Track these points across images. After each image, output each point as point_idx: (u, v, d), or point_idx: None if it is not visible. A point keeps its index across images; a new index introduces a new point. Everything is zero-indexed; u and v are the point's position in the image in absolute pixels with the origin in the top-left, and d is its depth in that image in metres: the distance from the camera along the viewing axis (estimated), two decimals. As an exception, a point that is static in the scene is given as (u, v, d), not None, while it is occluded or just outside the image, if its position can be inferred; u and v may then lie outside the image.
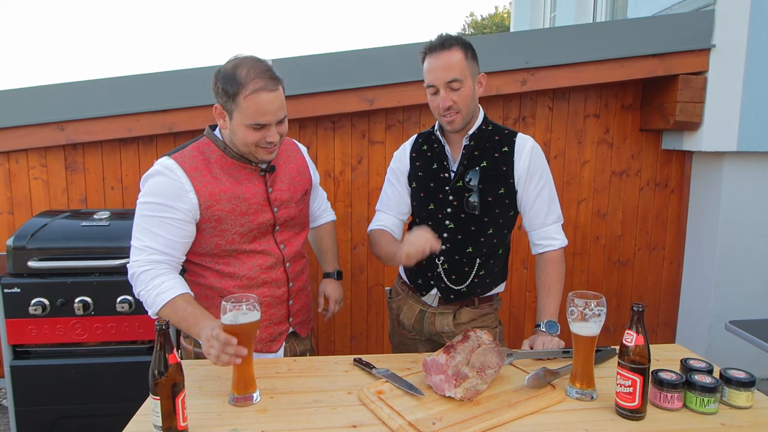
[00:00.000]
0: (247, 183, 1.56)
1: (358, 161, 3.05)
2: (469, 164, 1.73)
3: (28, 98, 2.76)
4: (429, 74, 1.65)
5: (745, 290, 3.07)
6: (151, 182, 1.49)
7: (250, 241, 1.57)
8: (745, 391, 1.31)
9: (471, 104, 1.67)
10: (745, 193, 3.01)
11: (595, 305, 1.31)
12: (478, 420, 1.23)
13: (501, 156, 1.73)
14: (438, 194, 1.77)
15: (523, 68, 2.88)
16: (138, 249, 1.48)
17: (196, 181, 1.49)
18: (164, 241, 1.48)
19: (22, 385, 2.18)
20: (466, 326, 1.85)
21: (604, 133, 3.18)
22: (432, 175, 1.78)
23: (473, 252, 1.78)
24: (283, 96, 1.48)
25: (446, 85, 1.62)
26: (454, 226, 1.76)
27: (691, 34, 2.87)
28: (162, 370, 1.13)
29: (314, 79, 2.81)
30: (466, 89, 1.64)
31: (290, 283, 1.67)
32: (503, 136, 1.76)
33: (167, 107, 2.77)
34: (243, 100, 1.42)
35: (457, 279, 1.80)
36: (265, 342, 1.66)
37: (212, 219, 1.51)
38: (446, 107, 1.63)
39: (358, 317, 3.19)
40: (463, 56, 1.63)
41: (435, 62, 1.63)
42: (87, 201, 2.90)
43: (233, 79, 1.42)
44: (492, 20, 22.77)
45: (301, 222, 1.72)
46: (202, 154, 1.54)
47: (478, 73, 1.71)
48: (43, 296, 2.14)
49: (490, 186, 1.72)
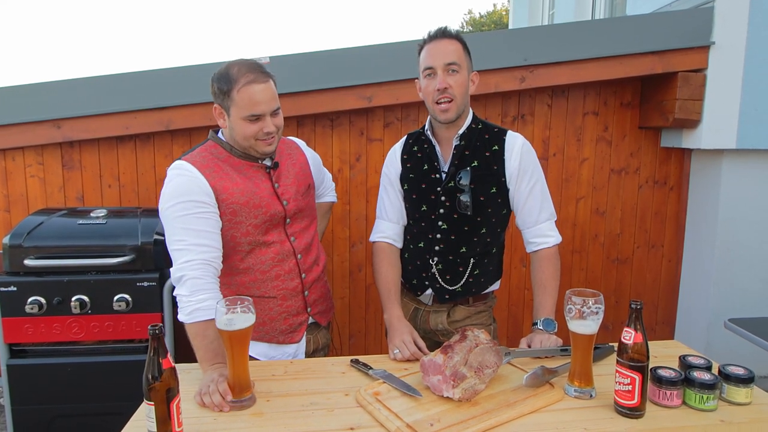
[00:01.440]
0: (255, 179, 1.63)
1: (357, 159, 3.04)
2: (460, 164, 1.73)
3: (24, 96, 2.74)
4: (428, 58, 1.66)
5: (743, 288, 3.06)
6: (172, 185, 1.53)
7: (263, 232, 1.63)
8: (744, 388, 1.31)
9: (465, 94, 1.68)
10: (744, 191, 3.01)
11: (593, 303, 1.30)
12: (477, 420, 1.22)
13: (492, 155, 1.73)
14: (430, 195, 1.76)
15: (521, 65, 2.87)
16: (184, 250, 1.48)
17: (210, 176, 1.55)
18: (206, 234, 1.51)
19: (18, 384, 2.17)
20: (461, 324, 1.85)
21: (603, 130, 3.18)
22: (423, 176, 1.77)
23: (467, 252, 1.78)
24: (274, 88, 1.57)
25: (445, 67, 1.63)
26: (447, 227, 1.76)
27: (690, 31, 2.86)
28: (156, 375, 1.12)
29: (312, 76, 2.80)
30: (462, 77, 1.66)
31: (303, 275, 1.72)
32: (493, 134, 1.76)
33: (164, 105, 2.76)
34: (237, 94, 1.50)
35: (451, 279, 1.80)
36: (286, 333, 1.72)
37: (228, 212, 1.57)
38: (442, 88, 1.63)
39: (357, 316, 3.18)
40: (462, 47, 1.67)
41: (435, 47, 1.66)
42: (84, 199, 2.89)
43: (226, 76, 1.52)
44: (490, 18, 22.75)
45: (310, 214, 1.79)
46: (211, 154, 1.61)
47: (472, 70, 1.73)
48: (39, 295, 2.12)
49: (481, 185, 1.72)
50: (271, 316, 1.69)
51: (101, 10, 57.99)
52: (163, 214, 1.53)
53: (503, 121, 3.10)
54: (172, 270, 1.49)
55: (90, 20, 58.65)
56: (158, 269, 2.21)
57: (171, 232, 1.51)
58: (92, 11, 60.06)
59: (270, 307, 1.68)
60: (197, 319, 1.43)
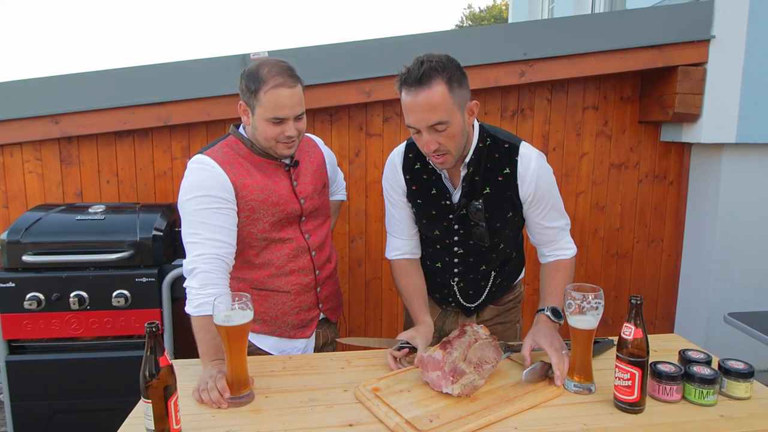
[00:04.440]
0: (274, 177, 1.64)
1: (356, 154, 3.03)
2: (470, 192, 1.57)
3: (22, 91, 2.73)
4: (408, 114, 1.42)
5: (743, 282, 3.06)
6: (192, 179, 1.54)
7: (278, 229, 1.64)
8: (744, 382, 1.31)
9: (461, 141, 1.47)
10: (743, 185, 3.00)
11: (593, 298, 1.30)
12: (476, 416, 1.22)
13: (504, 179, 1.56)
14: (442, 222, 1.64)
15: (521, 60, 2.86)
16: (198, 243, 1.49)
17: (231, 172, 1.56)
18: (222, 230, 1.52)
19: (17, 381, 2.17)
20: (490, 323, 1.80)
21: (602, 125, 3.17)
22: (432, 203, 1.63)
23: (487, 268, 1.72)
24: (301, 93, 1.55)
25: (430, 128, 1.40)
26: (464, 251, 1.67)
27: (690, 25, 2.84)
28: (153, 373, 1.11)
29: (311, 71, 2.78)
30: (454, 127, 1.41)
31: (317, 271, 1.73)
32: (503, 152, 1.56)
33: (162, 100, 2.74)
34: (263, 95, 1.50)
35: (474, 294, 1.76)
36: (298, 328, 1.74)
37: (246, 209, 1.58)
38: (432, 150, 1.44)
39: (356, 311, 3.18)
40: (447, 90, 1.38)
41: (413, 101, 1.39)
42: (82, 195, 2.88)
43: (256, 76, 1.51)
44: (490, 12, 22.68)
45: (324, 213, 1.80)
46: (232, 150, 1.61)
47: (468, 100, 1.46)
48: (38, 291, 2.12)
49: (496, 212, 1.59)
50: (284, 311, 1.70)
51: (99, 5, 57.79)
52: (181, 206, 1.54)
53: (503, 116, 3.09)
54: (184, 261, 1.50)
55: (88, 15, 58.48)
56: (157, 265, 2.21)
57: (187, 224, 1.52)
58: (90, 6, 59.87)
59: (283, 301, 1.69)
60: (203, 313, 1.43)
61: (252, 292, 1.62)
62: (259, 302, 1.66)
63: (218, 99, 2.75)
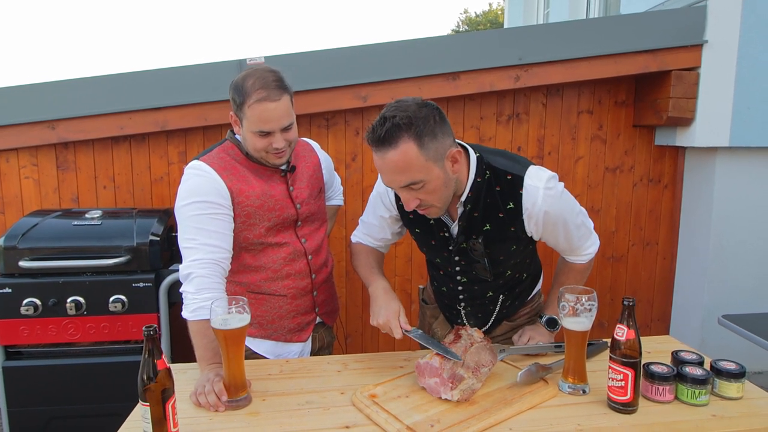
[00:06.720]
0: (271, 182, 1.65)
1: (352, 159, 3.05)
2: (469, 229, 1.46)
3: (18, 96, 2.74)
4: (380, 173, 1.33)
5: (737, 285, 3.08)
6: (189, 185, 1.55)
7: (275, 234, 1.65)
8: (736, 382, 1.32)
9: (445, 192, 1.35)
10: (737, 189, 3.02)
11: (586, 300, 1.31)
12: (476, 420, 1.23)
13: (506, 215, 1.42)
14: (443, 252, 1.56)
15: (516, 64, 2.88)
16: (194, 249, 1.50)
17: (227, 178, 1.57)
18: (218, 236, 1.53)
19: (14, 386, 2.17)
20: (500, 338, 1.73)
21: (597, 129, 3.19)
22: (431, 233, 1.54)
23: (494, 294, 1.66)
24: (288, 105, 1.55)
25: (405, 188, 1.31)
26: (467, 280, 1.62)
27: (683, 30, 2.87)
28: (151, 376, 1.12)
29: (307, 76, 2.80)
30: (433, 182, 1.29)
31: (313, 275, 1.74)
32: (506, 185, 1.40)
33: (159, 105, 2.75)
34: (248, 109, 1.50)
35: (482, 317, 1.71)
36: (294, 332, 1.74)
37: (242, 214, 1.59)
38: (413, 207, 1.34)
39: (353, 315, 3.18)
40: (416, 147, 1.24)
41: (381, 162, 1.28)
42: (79, 200, 2.88)
43: (240, 89, 1.51)
44: (486, 17, 22.78)
45: (321, 217, 1.81)
46: (228, 155, 1.62)
47: (448, 149, 1.31)
48: (34, 296, 2.12)
49: (499, 247, 1.49)
50: (281, 314, 1.71)
51: (96, 10, 57.83)
52: (178, 211, 1.55)
53: (498, 120, 3.11)
54: (180, 267, 1.51)
55: (84, 20, 58.48)
56: (154, 270, 2.21)
57: (183, 229, 1.53)
58: (87, 11, 59.91)
59: (280, 305, 1.70)
60: (200, 317, 1.44)
61: (248, 296, 1.62)
62: (256, 306, 1.66)
63: (215, 104, 2.76)
